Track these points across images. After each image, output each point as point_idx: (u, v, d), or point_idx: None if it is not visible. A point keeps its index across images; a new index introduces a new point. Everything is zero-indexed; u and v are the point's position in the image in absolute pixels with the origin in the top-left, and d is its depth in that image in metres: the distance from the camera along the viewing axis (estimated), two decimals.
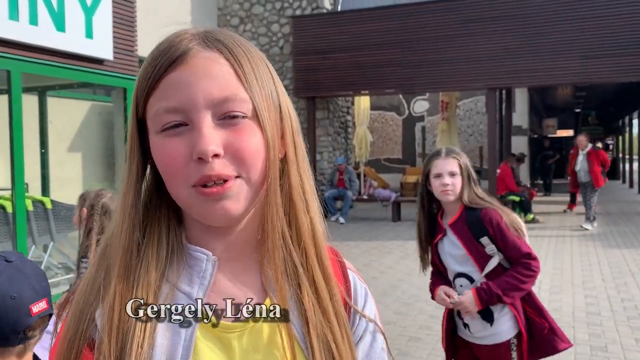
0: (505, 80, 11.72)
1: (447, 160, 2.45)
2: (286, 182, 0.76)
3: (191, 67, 0.69)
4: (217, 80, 0.69)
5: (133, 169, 0.73)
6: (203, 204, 0.69)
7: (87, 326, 0.69)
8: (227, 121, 0.69)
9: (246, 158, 0.69)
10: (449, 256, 2.53)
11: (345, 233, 10.49)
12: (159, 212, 0.75)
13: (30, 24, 5.27)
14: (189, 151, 0.68)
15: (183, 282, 0.73)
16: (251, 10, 14.06)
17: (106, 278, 0.71)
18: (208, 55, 0.70)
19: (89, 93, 9.63)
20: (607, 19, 10.75)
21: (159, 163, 0.71)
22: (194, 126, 0.68)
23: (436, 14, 11.93)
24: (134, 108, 0.73)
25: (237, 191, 0.70)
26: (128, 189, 0.73)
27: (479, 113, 18.50)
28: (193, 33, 0.72)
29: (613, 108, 23.72)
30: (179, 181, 0.69)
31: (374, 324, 0.84)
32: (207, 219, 0.71)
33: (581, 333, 4.80)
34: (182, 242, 0.75)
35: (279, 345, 0.73)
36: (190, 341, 0.70)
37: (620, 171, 25.77)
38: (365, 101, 13.61)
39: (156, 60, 0.70)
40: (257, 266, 0.77)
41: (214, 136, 0.67)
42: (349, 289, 0.84)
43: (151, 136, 0.72)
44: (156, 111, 0.69)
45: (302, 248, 0.76)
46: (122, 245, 0.71)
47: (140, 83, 0.72)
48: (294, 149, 0.77)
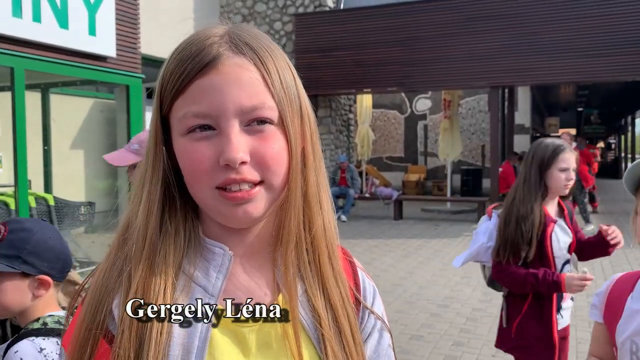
0: (508, 79, 11.71)
1: (572, 156, 2.51)
2: (304, 185, 0.78)
3: (221, 74, 0.70)
4: (247, 88, 0.70)
5: (158, 165, 0.75)
6: (225, 207, 0.71)
7: (105, 316, 0.70)
8: (254, 127, 0.71)
9: (270, 164, 0.72)
10: (562, 244, 2.58)
11: (347, 231, 10.50)
12: (177, 205, 0.76)
13: (33, 21, 5.28)
14: (215, 156, 0.70)
15: (199, 275, 0.74)
16: (254, 7, 14.06)
17: (124, 267, 0.72)
18: (238, 61, 0.71)
19: (91, 90, 9.66)
20: (610, 17, 10.73)
21: (184, 164, 0.72)
22: (222, 132, 0.70)
23: (439, 12, 11.91)
24: (158, 105, 0.75)
25: (259, 196, 0.72)
26: (153, 183, 0.74)
27: (481, 111, 18.48)
28: (221, 35, 0.73)
29: (615, 107, 23.69)
30: (203, 183, 0.71)
31: (381, 321, 0.87)
32: (227, 221, 0.74)
33: (583, 332, 4.80)
34: (200, 235, 0.77)
35: (291, 340, 0.75)
36: (207, 332, 0.71)
37: (623, 170, 25.76)
38: (368, 99, 13.61)
39: (185, 62, 0.71)
40: (271, 263, 0.79)
41: (241, 143, 0.70)
42: (359, 286, 0.87)
43: (175, 136, 0.73)
44: (184, 114, 0.71)
45: (316, 248, 0.79)
46: (142, 237, 0.73)
47: (167, 82, 0.73)
48: (312, 152, 0.80)
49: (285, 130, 0.74)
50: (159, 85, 0.74)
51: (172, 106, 0.73)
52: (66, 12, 5.61)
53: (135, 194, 0.77)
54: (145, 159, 0.77)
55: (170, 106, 0.73)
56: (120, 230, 0.77)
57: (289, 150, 0.74)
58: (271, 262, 0.79)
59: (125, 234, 0.76)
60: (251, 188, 0.71)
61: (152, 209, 0.74)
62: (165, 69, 0.74)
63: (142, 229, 0.73)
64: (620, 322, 1.44)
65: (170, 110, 0.73)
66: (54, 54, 5.54)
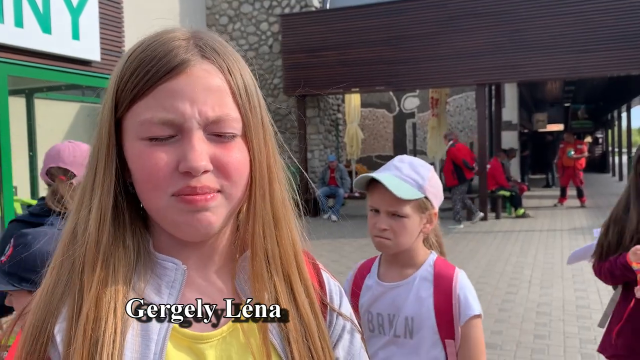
0: (494, 76, 11.77)
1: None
2: (270, 196, 0.75)
3: (190, 79, 0.67)
4: (214, 96, 0.68)
5: (110, 170, 0.69)
6: (181, 214, 0.68)
7: (46, 343, 0.66)
8: (217, 137, 0.69)
9: (232, 174, 0.69)
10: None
11: (338, 230, 10.51)
12: (125, 216, 0.71)
13: (15, 26, 5.24)
14: (175, 162, 0.67)
15: (151, 292, 0.70)
16: (240, 9, 14.03)
17: (68, 284, 0.68)
18: (207, 67, 0.69)
19: (77, 95, 9.58)
20: (595, 13, 10.81)
21: (138, 169, 0.68)
22: (184, 139, 0.67)
23: (424, 11, 11.95)
24: (111, 106, 0.69)
25: (217, 204, 0.69)
26: (105, 189, 0.69)
27: (469, 109, 18.57)
28: (186, 38, 0.70)
29: (602, 102, 23.88)
30: (159, 190, 0.67)
31: (350, 322, 0.85)
32: (182, 231, 0.70)
33: (571, 326, 4.84)
34: (150, 250, 0.73)
35: (254, 353, 0.72)
36: (161, 354, 0.67)
37: (610, 164, 25.97)
38: (356, 99, 13.64)
39: (150, 63, 0.67)
40: (227, 275, 0.77)
41: (204, 151, 0.67)
42: (324, 288, 0.84)
43: (130, 140, 0.69)
44: (148, 119, 0.67)
45: (284, 258, 0.77)
46: (94, 249, 0.68)
47: (125, 83, 0.68)
48: (275, 163, 0.77)
49: (247, 142, 0.72)
50: (114, 86, 0.70)
51: (130, 108, 0.68)
52: (49, 17, 5.57)
53: (80, 201, 0.71)
54: (92, 162, 0.71)
55: (128, 108, 0.69)
56: (66, 241, 0.71)
57: (251, 161, 0.72)
58: (229, 273, 0.77)
59: (70, 245, 0.70)
60: (210, 193, 0.68)
61: (105, 218, 0.68)
62: (124, 69, 0.69)
63: (93, 241, 0.68)
64: (360, 299, 1.69)
65: (126, 112, 0.69)
66: (37, 59, 5.50)
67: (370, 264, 1.79)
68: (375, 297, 1.66)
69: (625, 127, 22.31)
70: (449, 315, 1.57)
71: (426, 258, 1.66)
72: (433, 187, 1.62)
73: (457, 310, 1.56)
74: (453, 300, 1.57)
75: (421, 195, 1.59)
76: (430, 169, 1.66)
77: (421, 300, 1.58)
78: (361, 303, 1.70)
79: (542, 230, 10.07)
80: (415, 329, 1.58)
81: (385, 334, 1.63)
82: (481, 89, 11.96)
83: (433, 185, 1.62)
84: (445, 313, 1.57)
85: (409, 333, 1.59)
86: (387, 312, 1.63)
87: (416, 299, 1.59)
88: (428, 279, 1.61)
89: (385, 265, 1.73)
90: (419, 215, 1.60)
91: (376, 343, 1.65)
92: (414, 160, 1.65)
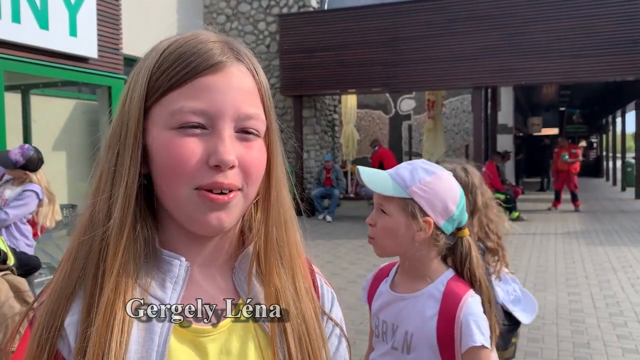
0: (491, 79, 11.81)
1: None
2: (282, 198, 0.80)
3: (227, 76, 0.71)
4: (247, 96, 0.72)
5: (136, 158, 0.70)
6: (199, 209, 0.69)
7: (56, 335, 0.68)
8: (243, 135, 0.72)
9: (252, 173, 0.72)
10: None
11: (333, 231, 10.51)
12: (140, 208, 0.72)
13: (13, 21, 5.22)
14: (204, 154, 0.68)
15: (155, 287, 0.72)
16: (237, 8, 14.01)
17: (82, 274, 0.69)
18: (241, 68, 0.73)
19: (73, 91, 9.56)
20: (591, 18, 10.87)
21: (165, 159, 0.69)
22: (215, 133, 0.69)
23: (422, 13, 11.98)
24: (143, 94, 0.70)
25: (235, 204, 0.71)
26: (131, 176, 0.69)
27: (464, 112, 18.61)
28: (220, 41, 0.73)
29: (597, 106, 23.98)
30: (183, 181, 0.68)
31: (339, 328, 0.86)
32: (195, 225, 0.71)
33: (564, 330, 4.86)
34: (155, 246, 0.74)
35: (253, 348, 0.74)
36: (165, 346, 0.69)
37: (604, 169, 26.07)
38: (352, 99, 13.64)
39: (190, 58, 0.70)
40: (229, 272, 0.79)
41: (233, 147, 0.69)
42: (317, 293, 0.86)
43: (158, 129, 0.70)
44: (180, 108, 0.68)
45: (294, 259, 0.80)
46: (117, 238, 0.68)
47: (162, 73, 0.70)
48: (283, 165, 0.80)
49: (267, 143, 0.75)
50: (148, 75, 0.71)
51: (163, 97, 0.70)
52: (46, 13, 5.55)
53: (99, 188, 0.72)
54: (115, 149, 0.71)
55: (161, 97, 0.70)
56: (83, 228, 0.71)
57: (269, 162, 0.75)
58: (229, 271, 0.79)
59: (88, 231, 0.70)
60: (231, 193, 0.70)
61: (130, 205, 0.69)
62: (161, 60, 0.71)
63: (117, 229, 0.68)
64: (373, 302, 1.70)
65: (157, 102, 0.70)
66: (34, 55, 5.48)
67: (389, 269, 1.74)
68: (384, 304, 1.64)
69: (620, 132, 22.42)
70: (451, 339, 1.48)
71: (440, 275, 1.55)
72: (426, 192, 1.49)
73: (458, 335, 1.47)
74: (455, 324, 1.47)
75: (403, 194, 1.49)
76: (437, 175, 1.51)
77: (425, 318, 1.51)
78: (373, 306, 1.69)
79: (536, 233, 10.10)
80: (413, 345, 1.53)
81: (386, 342, 1.60)
82: (477, 92, 11.99)
83: (426, 191, 1.49)
84: (448, 336, 1.48)
85: (407, 348, 1.54)
86: (391, 322, 1.60)
87: (420, 316, 1.53)
88: (436, 297, 1.52)
89: (399, 274, 1.67)
90: (405, 218, 1.50)
91: (379, 349, 1.64)
92: (423, 163, 1.55)
